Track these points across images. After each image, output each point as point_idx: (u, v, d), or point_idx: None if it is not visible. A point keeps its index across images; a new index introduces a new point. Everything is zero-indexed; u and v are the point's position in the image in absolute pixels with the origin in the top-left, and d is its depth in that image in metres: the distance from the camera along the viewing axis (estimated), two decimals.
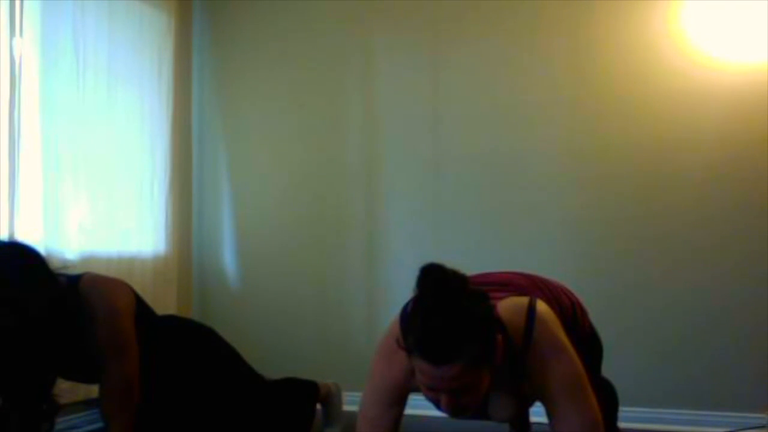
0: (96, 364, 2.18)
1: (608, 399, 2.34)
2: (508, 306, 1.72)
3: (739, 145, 3.10)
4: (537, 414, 1.98)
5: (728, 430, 3.00)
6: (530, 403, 1.90)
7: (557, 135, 3.35)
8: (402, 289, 3.82)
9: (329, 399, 2.89)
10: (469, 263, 2.59)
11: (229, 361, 2.57)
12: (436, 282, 1.58)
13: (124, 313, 2.21)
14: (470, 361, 1.51)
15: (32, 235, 2.81)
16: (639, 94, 3.24)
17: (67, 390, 2.79)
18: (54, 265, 2.44)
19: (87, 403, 2.89)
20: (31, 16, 2.86)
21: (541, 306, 1.74)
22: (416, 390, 1.68)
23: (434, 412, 2.09)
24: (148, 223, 3.47)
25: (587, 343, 2.04)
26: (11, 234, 2.71)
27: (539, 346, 1.67)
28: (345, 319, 3.64)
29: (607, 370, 2.36)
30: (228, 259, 3.85)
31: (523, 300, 1.75)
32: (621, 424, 2.46)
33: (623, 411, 2.46)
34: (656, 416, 3.11)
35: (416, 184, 3.56)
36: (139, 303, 2.34)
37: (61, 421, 2.77)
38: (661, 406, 3.13)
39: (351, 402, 3.11)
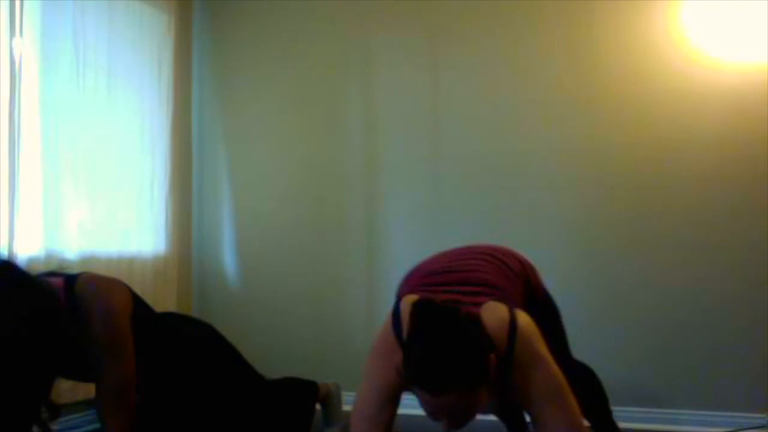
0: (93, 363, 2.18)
1: (589, 384, 2.36)
2: (492, 319, 1.77)
3: (739, 145, 3.10)
4: None
5: (728, 430, 3.00)
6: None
7: (557, 135, 3.35)
8: None
9: (329, 399, 2.89)
10: None
11: (229, 361, 2.57)
12: (429, 317, 1.68)
13: (120, 313, 2.19)
14: (467, 388, 1.61)
15: (32, 235, 2.82)
16: (639, 94, 3.24)
17: (67, 390, 2.80)
18: (53, 265, 2.44)
19: (87, 403, 2.89)
20: (31, 16, 2.86)
21: (521, 318, 1.80)
22: (410, 390, 1.71)
23: None
24: (148, 223, 3.47)
25: (543, 305, 2.20)
26: (11, 234, 2.71)
27: (521, 358, 1.75)
28: (344, 319, 3.64)
29: (608, 369, 2.37)
30: (228, 259, 3.85)
31: (504, 313, 1.80)
32: (621, 424, 2.46)
33: (623, 411, 2.47)
34: (656, 416, 3.11)
35: (416, 184, 3.56)
36: (137, 302, 2.34)
37: (61, 421, 2.77)
38: (661, 406, 3.13)
39: (351, 402, 3.11)
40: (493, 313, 1.79)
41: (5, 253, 2.68)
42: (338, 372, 3.16)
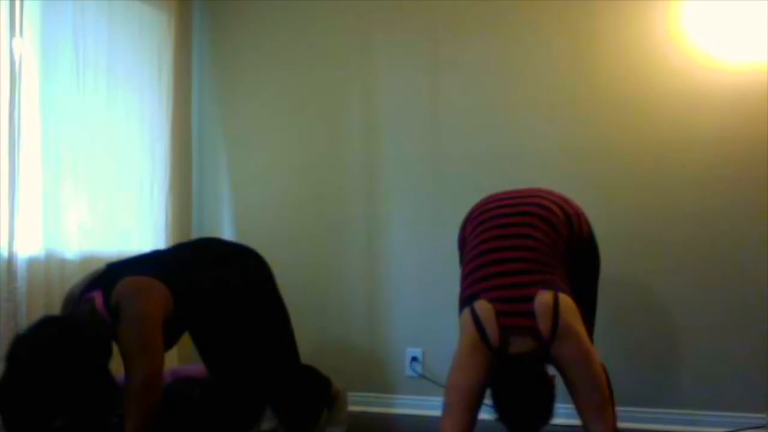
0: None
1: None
2: (540, 308, 2.19)
3: (739, 145, 3.10)
4: None
5: (728, 430, 3.00)
6: None
7: (557, 135, 3.35)
8: (402, 289, 3.83)
9: (336, 400, 2.91)
10: None
11: (284, 343, 2.73)
12: (507, 385, 2.16)
13: (149, 318, 2.27)
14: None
15: (32, 235, 2.81)
16: (639, 93, 3.25)
17: None
18: (53, 265, 2.44)
19: None
20: (31, 16, 2.85)
21: (562, 301, 2.20)
22: None
23: (434, 412, 2.09)
24: (148, 223, 3.47)
25: (586, 247, 2.58)
26: (11, 234, 2.71)
27: (561, 332, 2.17)
28: (345, 318, 3.64)
29: (608, 369, 2.37)
30: None
31: (549, 299, 2.19)
32: (621, 424, 2.46)
33: (623, 411, 2.47)
34: (656, 416, 3.12)
35: (416, 184, 3.56)
36: (180, 286, 2.39)
37: None
38: (661, 406, 3.14)
39: (352, 402, 3.11)
40: (541, 301, 2.19)
41: (10, 253, 2.70)
42: (338, 372, 3.16)
